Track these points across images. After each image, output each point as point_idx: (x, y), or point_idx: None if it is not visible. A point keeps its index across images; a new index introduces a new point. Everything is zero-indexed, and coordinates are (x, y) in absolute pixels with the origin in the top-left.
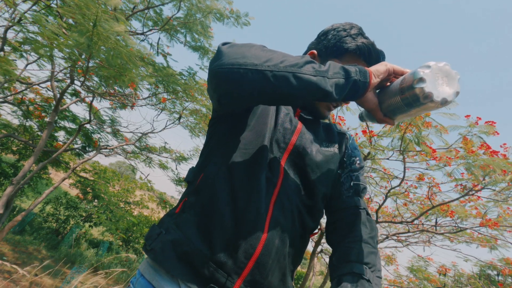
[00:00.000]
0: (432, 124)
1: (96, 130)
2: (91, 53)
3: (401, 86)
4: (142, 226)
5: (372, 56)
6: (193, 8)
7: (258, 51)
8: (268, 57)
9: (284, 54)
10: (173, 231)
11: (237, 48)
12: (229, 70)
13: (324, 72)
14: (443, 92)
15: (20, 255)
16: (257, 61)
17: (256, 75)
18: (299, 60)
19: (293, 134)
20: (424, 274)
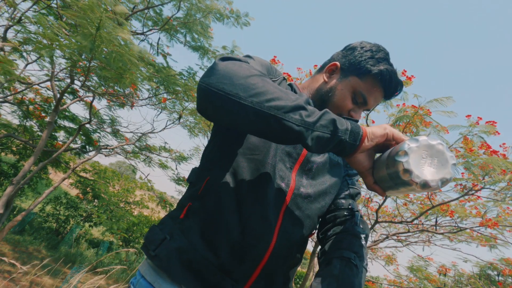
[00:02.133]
0: (432, 124)
1: (96, 130)
2: (93, 56)
3: (388, 156)
4: (142, 226)
5: (392, 85)
6: (193, 8)
7: (251, 80)
8: (257, 91)
9: (278, 91)
10: (178, 237)
11: (231, 71)
12: (214, 93)
13: (310, 124)
14: (427, 174)
15: (20, 255)
16: (244, 93)
17: (237, 107)
18: (288, 103)
19: (303, 149)
20: (424, 274)
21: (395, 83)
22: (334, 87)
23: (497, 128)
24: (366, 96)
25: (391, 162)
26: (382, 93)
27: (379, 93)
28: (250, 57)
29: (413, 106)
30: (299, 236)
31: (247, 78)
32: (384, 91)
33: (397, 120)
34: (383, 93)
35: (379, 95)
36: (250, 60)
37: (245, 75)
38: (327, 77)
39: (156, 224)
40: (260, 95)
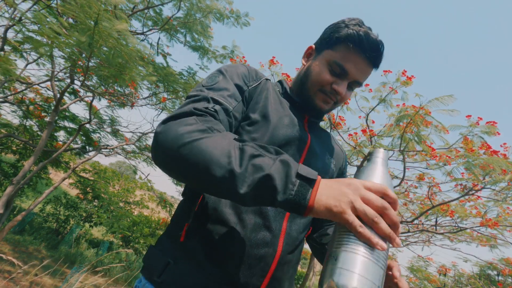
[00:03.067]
0: (432, 123)
1: (96, 130)
2: (92, 52)
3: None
4: (142, 226)
5: (367, 44)
6: (193, 8)
7: (182, 151)
8: (184, 165)
9: (208, 158)
10: (183, 261)
11: (164, 145)
12: (171, 171)
13: (241, 195)
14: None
15: (20, 255)
16: (179, 170)
17: (177, 177)
18: (218, 173)
19: (303, 150)
20: (424, 274)
21: (371, 41)
22: (310, 66)
23: (497, 128)
24: (342, 64)
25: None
26: (361, 57)
27: (356, 57)
28: (221, 72)
29: (413, 106)
30: (301, 238)
31: (178, 150)
32: (363, 53)
33: (398, 120)
34: (362, 56)
35: (359, 60)
36: (219, 78)
37: (177, 144)
38: (305, 61)
39: (154, 245)
40: (194, 167)
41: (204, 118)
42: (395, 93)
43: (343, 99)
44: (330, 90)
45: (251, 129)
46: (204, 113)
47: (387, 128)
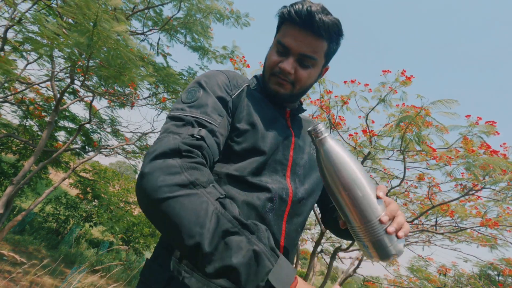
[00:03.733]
0: (432, 124)
1: (96, 130)
2: (91, 53)
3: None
4: (142, 226)
5: (293, 15)
6: (193, 8)
7: (164, 208)
8: (167, 225)
9: (185, 226)
10: (188, 275)
11: (145, 192)
12: (149, 217)
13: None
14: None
15: (20, 255)
16: (158, 224)
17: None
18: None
19: (290, 149)
20: (424, 274)
21: (299, 10)
22: (267, 54)
23: (496, 128)
24: (281, 41)
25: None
26: (295, 28)
27: (293, 30)
28: (201, 86)
29: (414, 106)
30: (298, 238)
31: (155, 203)
32: (297, 24)
33: (399, 120)
34: (296, 27)
35: (296, 31)
36: (199, 93)
37: (155, 197)
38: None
39: (151, 260)
40: (161, 226)
41: (190, 163)
42: (395, 93)
43: (298, 78)
44: (278, 71)
45: (239, 140)
46: (191, 149)
47: (388, 128)
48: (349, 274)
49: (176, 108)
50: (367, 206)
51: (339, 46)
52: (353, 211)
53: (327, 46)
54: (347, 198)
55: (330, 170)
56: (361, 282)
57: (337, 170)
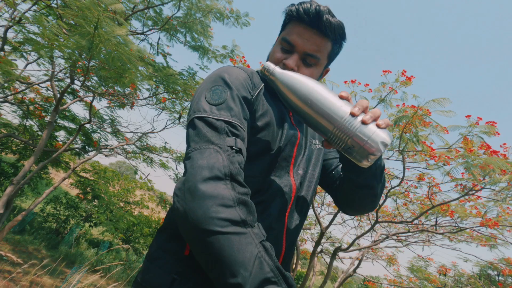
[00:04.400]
0: (431, 124)
1: (96, 130)
2: (91, 55)
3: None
4: (142, 226)
5: (301, 14)
6: (193, 8)
7: (210, 241)
8: (213, 262)
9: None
10: (191, 276)
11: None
12: (184, 237)
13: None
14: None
15: (20, 254)
16: (204, 258)
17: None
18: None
19: (294, 146)
20: (424, 274)
21: (307, 8)
22: (270, 51)
23: (497, 128)
24: (287, 38)
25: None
26: (301, 26)
27: (299, 28)
28: (227, 85)
29: (413, 106)
30: (298, 234)
31: (202, 233)
32: (303, 23)
33: (397, 120)
34: (302, 25)
35: (302, 30)
36: (226, 95)
37: (202, 228)
38: None
39: (150, 261)
40: (202, 255)
41: (242, 195)
42: (395, 93)
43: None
44: (282, 67)
45: (255, 140)
46: (239, 171)
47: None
48: (349, 274)
49: (204, 109)
50: (333, 106)
51: (341, 49)
52: (323, 116)
53: (331, 47)
54: (312, 106)
55: (289, 92)
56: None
57: (294, 88)
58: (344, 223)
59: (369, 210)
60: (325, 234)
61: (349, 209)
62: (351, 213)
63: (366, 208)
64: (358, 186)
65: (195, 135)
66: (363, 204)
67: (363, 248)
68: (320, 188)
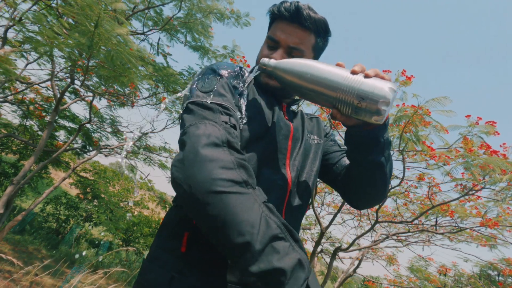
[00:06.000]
0: (432, 123)
1: (96, 129)
2: (91, 54)
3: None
4: (142, 226)
5: (282, 10)
6: (193, 8)
7: (211, 204)
8: (217, 225)
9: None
10: (190, 273)
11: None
12: (187, 205)
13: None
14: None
15: (20, 254)
16: (207, 224)
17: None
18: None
19: (288, 139)
20: (425, 274)
21: (287, 5)
22: (259, 51)
23: (496, 128)
24: (271, 35)
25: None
26: (283, 22)
27: (282, 24)
28: (215, 74)
29: (413, 106)
30: (298, 229)
31: (206, 195)
32: (285, 19)
33: (396, 120)
34: (284, 21)
35: (284, 25)
36: (215, 82)
37: (207, 190)
38: None
39: (149, 261)
40: (207, 219)
41: (240, 159)
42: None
43: None
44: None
45: (244, 128)
46: (236, 141)
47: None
48: (349, 274)
49: (197, 96)
50: (332, 71)
51: (327, 44)
52: (325, 83)
53: (315, 40)
54: (313, 78)
55: (289, 74)
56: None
57: (292, 68)
58: (344, 223)
59: (380, 196)
60: (325, 234)
61: (359, 200)
62: (361, 204)
63: (378, 195)
64: (368, 168)
65: (190, 117)
66: (375, 190)
67: (363, 248)
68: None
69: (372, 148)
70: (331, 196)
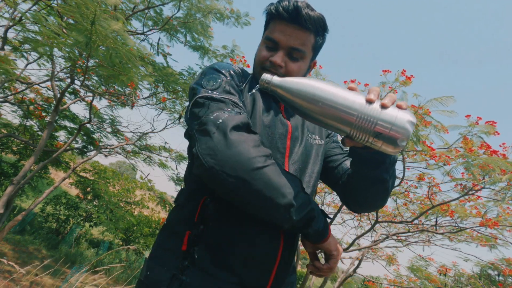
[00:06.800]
0: (432, 123)
1: (96, 129)
2: (90, 52)
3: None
4: (142, 226)
5: (280, 11)
6: (193, 8)
7: (255, 175)
8: (258, 189)
9: (274, 189)
10: (190, 271)
11: (238, 162)
12: (230, 187)
13: (295, 222)
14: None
15: (20, 254)
16: (245, 189)
17: (240, 198)
18: (282, 202)
19: (286, 138)
20: (425, 274)
21: (285, 5)
22: (256, 51)
23: (496, 128)
24: (270, 36)
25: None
26: (283, 23)
27: (281, 25)
28: (219, 72)
29: (413, 106)
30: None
31: (252, 172)
32: (284, 20)
33: None
34: (284, 22)
35: (283, 26)
36: (220, 80)
37: (250, 167)
38: None
39: (151, 260)
40: (260, 193)
41: (259, 137)
42: (395, 93)
43: (288, 70)
44: (269, 65)
45: None
46: (251, 125)
47: None
48: (349, 274)
49: (205, 91)
50: (346, 100)
51: (325, 41)
52: (339, 113)
53: (314, 40)
54: (325, 106)
55: (296, 98)
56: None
57: (299, 92)
58: (344, 223)
59: (379, 207)
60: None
61: (359, 207)
62: (360, 210)
63: (377, 205)
64: (370, 181)
65: (204, 109)
66: (374, 200)
67: (363, 248)
68: (320, 188)
69: (378, 166)
70: (331, 196)
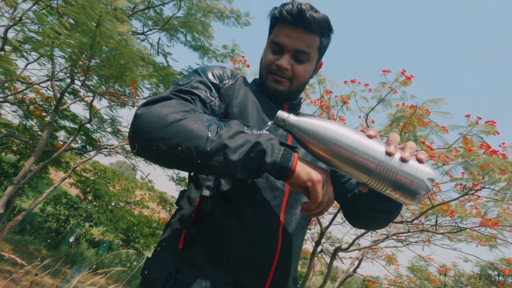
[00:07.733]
0: (431, 123)
1: (96, 129)
2: (93, 53)
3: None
4: (142, 226)
5: (285, 14)
6: (193, 8)
7: (171, 129)
8: (177, 141)
9: (199, 132)
10: (186, 270)
11: (148, 123)
12: (141, 148)
13: (233, 162)
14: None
15: (21, 254)
16: (165, 146)
17: (165, 160)
18: (210, 146)
19: (287, 140)
20: (425, 274)
21: (289, 9)
22: (262, 55)
23: (496, 127)
24: (276, 40)
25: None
26: (287, 26)
27: (286, 28)
28: (196, 72)
29: (412, 106)
30: (299, 229)
31: (165, 129)
32: (288, 23)
33: (394, 121)
34: (288, 25)
35: (288, 29)
36: (193, 77)
37: (163, 124)
38: None
39: (151, 258)
40: (182, 144)
41: (183, 101)
42: (395, 93)
43: (295, 73)
44: (276, 68)
45: None
46: (181, 95)
47: (386, 129)
48: (349, 274)
49: (171, 87)
50: (366, 150)
51: (330, 41)
52: (358, 163)
53: (319, 41)
54: (344, 155)
55: (315, 142)
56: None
57: (317, 137)
58: (344, 223)
59: (379, 229)
60: (325, 234)
61: (358, 225)
62: (358, 227)
63: (377, 228)
64: (377, 211)
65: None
66: (376, 225)
67: (363, 248)
68: None
69: (385, 199)
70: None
